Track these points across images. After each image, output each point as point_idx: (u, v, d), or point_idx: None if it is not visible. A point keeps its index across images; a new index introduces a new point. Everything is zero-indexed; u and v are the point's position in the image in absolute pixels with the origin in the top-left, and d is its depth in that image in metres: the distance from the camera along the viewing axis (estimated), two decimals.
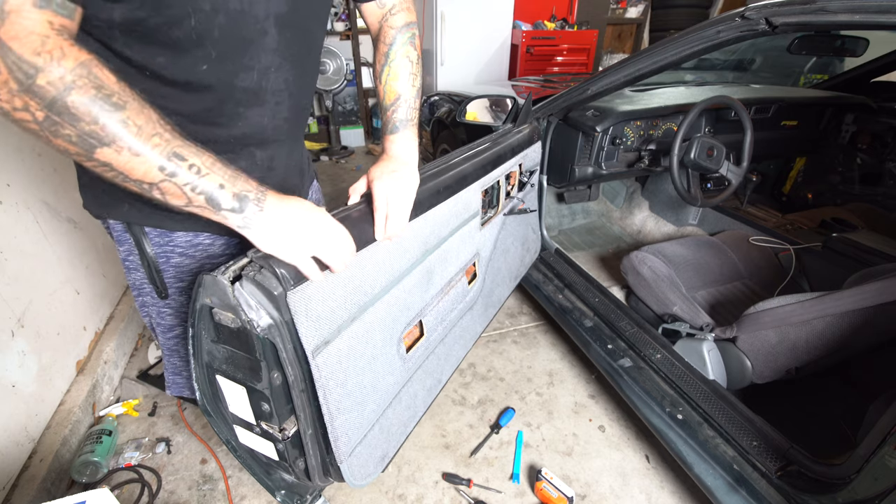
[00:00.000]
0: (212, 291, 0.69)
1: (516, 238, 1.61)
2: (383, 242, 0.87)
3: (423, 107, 2.79)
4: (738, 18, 1.06)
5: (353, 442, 0.90)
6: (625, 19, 4.84)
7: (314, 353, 0.76)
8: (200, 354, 0.77)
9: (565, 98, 1.61)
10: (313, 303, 0.74)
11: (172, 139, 0.57)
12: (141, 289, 0.91)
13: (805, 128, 2.13)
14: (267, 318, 0.69)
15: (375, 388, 0.94)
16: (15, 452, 1.30)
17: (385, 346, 0.95)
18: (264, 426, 0.82)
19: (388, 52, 0.87)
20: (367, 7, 0.87)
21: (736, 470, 1.08)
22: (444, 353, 1.23)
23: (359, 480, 0.94)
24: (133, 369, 1.84)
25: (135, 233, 0.83)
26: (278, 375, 0.76)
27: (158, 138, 0.55)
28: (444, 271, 1.13)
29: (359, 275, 0.83)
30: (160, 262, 0.86)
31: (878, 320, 1.12)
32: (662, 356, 1.38)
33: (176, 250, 0.86)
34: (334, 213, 0.81)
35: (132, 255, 0.86)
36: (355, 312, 0.85)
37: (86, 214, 1.83)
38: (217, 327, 0.75)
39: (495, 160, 1.28)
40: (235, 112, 0.73)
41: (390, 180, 0.83)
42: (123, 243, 0.85)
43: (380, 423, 0.99)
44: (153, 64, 0.63)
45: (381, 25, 0.87)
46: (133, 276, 0.89)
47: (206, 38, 0.63)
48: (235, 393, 0.80)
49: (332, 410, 0.82)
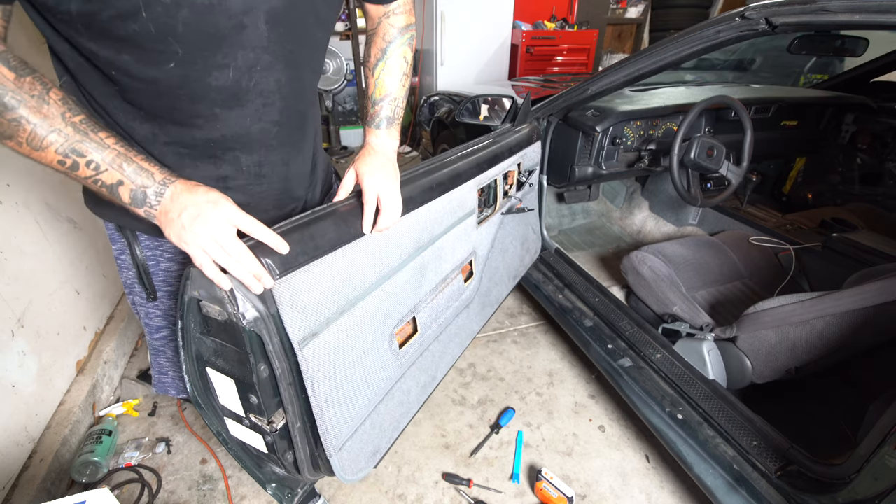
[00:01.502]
0: (199, 284, 0.69)
1: (515, 238, 1.60)
2: (372, 236, 0.87)
3: (423, 107, 2.79)
4: (738, 18, 1.06)
5: (343, 436, 0.90)
6: (625, 19, 4.84)
7: (301, 344, 0.76)
8: (190, 347, 0.78)
9: (565, 98, 1.61)
10: (299, 293, 0.75)
11: (74, 134, 0.58)
12: (132, 288, 0.92)
13: (805, 128, 2.13)
14: (253, 310, 0.70)
15: (367, 382, 0.94)
16: (15, 452, 1.30)
17: (376, 341, 0.95)
18: (253, 418, 0.83)
19: (385, 49, 0.87)
20: (371, 6, 0.87)
21: (736, 470, 1.08)
22: (438, 351, 1.23)
23: (350, 475, 0.94)
24: (133, 369, 1.84)
25: (126, 235, 0.83)
26: (265, 368, 0.76)
27: (56, 135, 0.57)
28: (439, 268, 1.13)
29: (347, 267, 0.84)
30: (150, 264, 0.87)
31: (878, 320, 1.12)
32: (662, 356, 1.38)
33: (165, 255, 0.87)
34: (321, 208, 0.82)
35: (124, 254, 0.87)
36: (344, 305, 0.85)
37: (85, 214, 1.83)
38: (205, 320, 0.75)
39: (491, 159, 1.28)
40: (211, 113, 0.70)
41: (381, 176, 0.83)
42: (116, 242, 0.87)
43: (371, 419, 0.99)
44: (119, 61, 0.62)
45: (382, 21, 0.87)
46: (125, 274, 0.90)
47: (167, 34, 0.60)
48: (225, 385, 0.81)
49: (320, 403, 0.82)
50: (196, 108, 0.69)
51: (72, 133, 0.58)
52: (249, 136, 0.76)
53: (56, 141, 0.57)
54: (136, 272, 0.87)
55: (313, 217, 0.80)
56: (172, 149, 0.73)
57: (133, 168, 0.62)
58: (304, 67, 0.77)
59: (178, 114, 0.69)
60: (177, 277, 0.90)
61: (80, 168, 0.59)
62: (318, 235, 0.78)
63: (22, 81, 0.55)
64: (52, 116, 0.56)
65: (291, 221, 0.77)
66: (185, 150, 0.74)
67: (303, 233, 0.76)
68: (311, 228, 0.78)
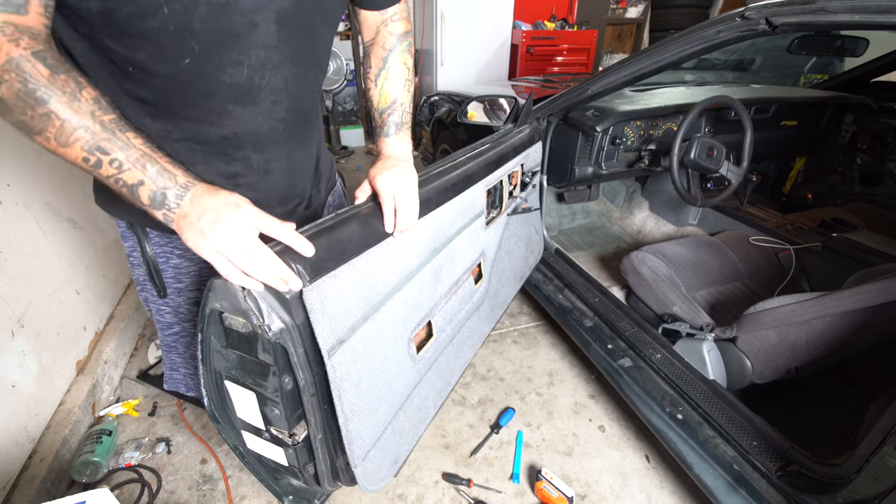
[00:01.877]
0: (222, 296, 0.67)
1: (520, 238, 1.61)
2: (392, 240, 0.86)
3: (423, 107, 2.79)
4: (738, 18, 1.06)
5: (366, 445, 0.88)
6: (625, 19, 4.84)
7: (330, 352, 0.74)
8: (209, 360, 0.76)
9: (565, 98, 1.61)
10: (329, 300, 0.73)
11: (101, 132, 0.58)
12: (143, 285, 0.93)
13: (805, 128, 2.13)
14: (279, 322, 0.68)
15: (388, 389, 0.92)
16: (15, 452, 1.30)
17: (396, 347, 0.94)
18: (273, 431, 0.81)
19: (386, 58, 0.88)
20: (367, 14, 0.87)
21: (736, 470, 1.08)
22: (453, 355, 1.22)
23: (372, 485, 0.92)
24: (133, 369, 1.84)
25: (136, 232, 0.84)
26: (289, 380, 0.75)
27: (83, 132, 0.57)
28: (452, 270, 1.12)
29: (371, 272, 0.82)
30: (160, 261, 0.88)
31: (878, 320, 1.12)
32: (662, 356, 1.38)
33: (175, 252, 0.87)
34: (341, 212, 0.81)
35: (135, 251, 0.88)
36: (368, 311, 0.83)
37: (85, 214, 1.84)
38: (227, 332, 0.73)
39: (498, 160, 1.28)
40: (224, 110, 0.72)
41: (392, 176, 0.84)
42: (127, 240, 0.88)
43: (392, 426, 0.97)
44: (135, 58, 0.63)
45: (380, 30, 0.88)
46: (136, 271, 0.92)
47: (185, 30, 0.61)
48: (244, 398, 0.79)
49: (346, 413, 0.80)
50: (209, 104, 0.70)
51: (99, 130, 0.58)
52: (260, 134, 0.77)
53: (82, 137, 0.57)
54: (146, 269, 0.88)
55: (338, 220, 0.78)
56: (185, 145, 0.74)
57: (156, 169, 0.61)
58: (309, 66, 0.78)
59: (191, 110, 0.70)
60: (186, 274, 0.90)
61: (103, 166, 0.59)
62: (344, 239, 0.76)
63: (56, 78, 0.55)
64: (81, 113, 0.57)
65: (316, 225, 0.75)
66: (197, 146, 0.74)
67: (329, 237, 0.74)
68: (336, 232, 0.76)
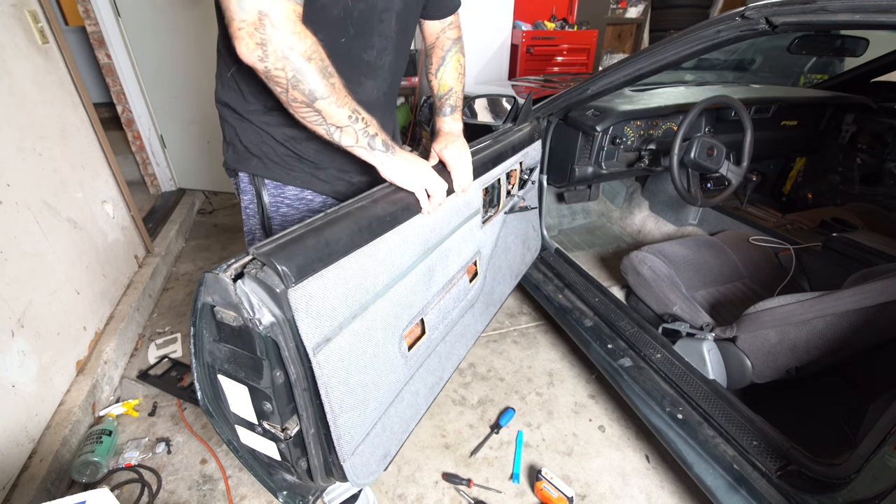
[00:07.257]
0: (213, 290, 0.68)
1: (517, 236, 1.61)
2: (382, 239, 0.90)
3: (422, 107, 2.79)
4: (738, 18, 1.06)
5: (355, 441, 0.89)
6: (625, 19, 4.83)
7: (315, 350, 0.76)
8: (202, 354, 0.77)
9: (565, 98, 1.61)
10: (314, 300, 0.74)
11: (352, 100, 0.81)
12: (254, 234, 1.09)
13: (805, 128, 2.13)
14: (269, 315, 0.69)
15: (377, 386, 0.94)
16: (15, 452, 1.30)
17: (387, 344, 0.95)
18: (266, 426, 0.82)
19: (444, 56, 1.12)
20: (431, 23, 1.10)
21: (736, 470, 1.08)
22: (445, 352, 1.23)
23: (361, 479, 0.94)
24: (133, 369, 1.84)
25: (256, 184, 1.02)
26: (280, 374, 0.76)
27: (347, 98, 0.80)
28: (446, 269, 1.14)
29: (360, 272, 0.84)
30: (271, 210, 1.05)
31: (878, 320, 1.12)
32: (662, 356, 1.38)
33: (284, 202, 1.05)
34: (329, 212, 0.86)
35: (252, 203, 1.05)
36: (357, 310, 0.84)
37: (86, 214, 1.83)
38: (219, 326, 0.74)
39: (496, 158, 1.28)
40: (358, 80, 0.95)
41: (455, 149, 1.07)
42: (247, 193, 1.04)
43: (382, 422, 0.99)
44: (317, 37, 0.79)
45: (440, 36, 1.12)
46: (250, 222, 1.08)
47: (349, 18, 0.86)
48: (237, 392, 0.80)
49: (334, 409, 0.81)
50: (352, 74, 0.92)
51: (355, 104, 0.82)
52: (372, 102, 1.00)
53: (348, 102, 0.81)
54: (259, 218, 1.05)
55: (326, 221, 0.79)
56: None
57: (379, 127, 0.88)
58: (403, 52, 1.04)
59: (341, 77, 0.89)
60: (291, 222, 1.03)
61: (357, 124, 0.82)
62: (332, 240, 0.78)
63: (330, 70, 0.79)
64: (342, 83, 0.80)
65: (305, 225, 0.77)
66: None
67: (317, 237, 0.76)
68: (324, 233, 0.77)
